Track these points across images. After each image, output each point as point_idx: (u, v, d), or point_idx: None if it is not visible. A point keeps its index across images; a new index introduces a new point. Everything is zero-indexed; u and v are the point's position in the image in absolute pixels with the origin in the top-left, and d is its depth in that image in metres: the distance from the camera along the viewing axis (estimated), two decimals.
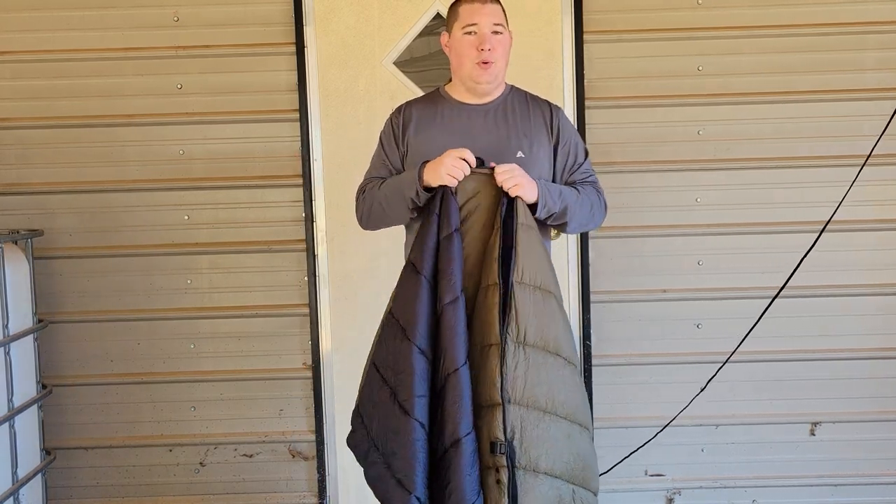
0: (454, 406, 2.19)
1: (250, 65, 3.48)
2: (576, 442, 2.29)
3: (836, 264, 3.50)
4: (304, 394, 3.56)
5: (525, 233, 2.30)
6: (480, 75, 2.41)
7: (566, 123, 2.55)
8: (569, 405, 2.29)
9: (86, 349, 3.55)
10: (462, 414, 2.19)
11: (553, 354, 2.28)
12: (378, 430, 2.30)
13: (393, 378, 2.27)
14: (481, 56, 2.38)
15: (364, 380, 2.41)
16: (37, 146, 3.51)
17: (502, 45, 2.42)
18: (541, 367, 2.25)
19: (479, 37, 2.39)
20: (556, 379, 2.27)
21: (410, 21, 3.47)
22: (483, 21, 2.39)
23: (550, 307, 2.30)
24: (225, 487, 3.60)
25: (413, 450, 2.19)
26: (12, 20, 3.47)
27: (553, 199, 2.38)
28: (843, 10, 3.45)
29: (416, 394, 2.21)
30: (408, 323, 2.26)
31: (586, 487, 2.32)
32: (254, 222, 3.53)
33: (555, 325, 2.30)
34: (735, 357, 3.31)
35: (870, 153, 3.12)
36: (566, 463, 2.27)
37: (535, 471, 2.22)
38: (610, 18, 3.46)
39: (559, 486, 2.25)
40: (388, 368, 2.29)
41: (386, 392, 2.28)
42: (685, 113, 3.49)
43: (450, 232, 2.28)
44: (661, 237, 3.52)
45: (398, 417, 2.22)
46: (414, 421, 2.20)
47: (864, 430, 3.55)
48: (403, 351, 2.25)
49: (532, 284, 2.28)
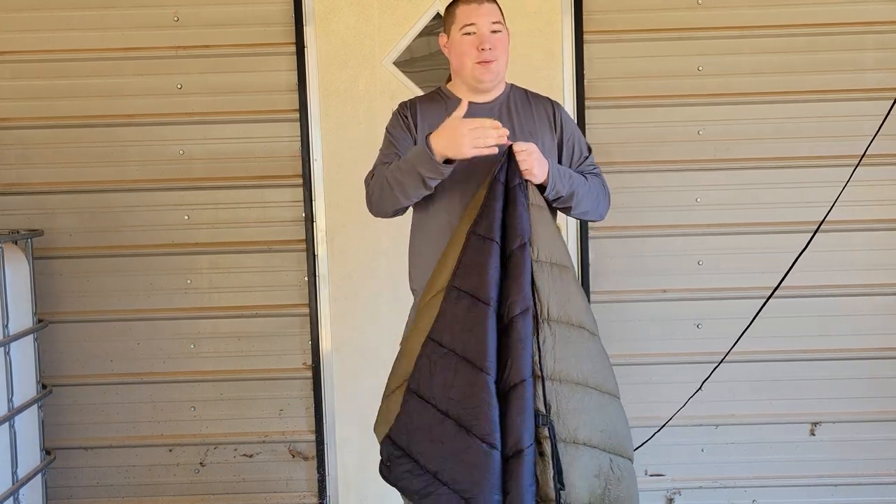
0: (519, 417, 2.19)
1: (250, 65, 3.48)
2: (608, 411, 2.32)
3: (835, 264, 3.50)
4: (304, 394, 3.56)
5: (537, 212, 2.32)
6: (483, 74, 2.42)
7: (568, 119, 2.56)
8: (597, 375, 2.32)
9: (86, 349, 3.55)
10: (526, 425, 2.19)
11: (577, 328, 2.31)
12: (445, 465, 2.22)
13: (459, 410, 2.21)
14: (482, 55, 2.39)
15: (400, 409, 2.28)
16: (37, 146, 3.51)
17: (502, 43, 2.43)
18: (567, 341, 2.28)
19: (478, 36, 2.40)
20: (582, 351, 2.30)
21: (410, 21, 3.47)
22: (481, 21, 2.40)
23: (568, 281, 2.33)
24: (225, 487, 3.60)
25: (498, 480, 2.19)
26: (12, 20, 3.47)
27: (563, 182, 2.39)
28: (843, 10, 3.45)
29: (497, 429, 2.19)
30: (478, 356, 2.21)
31: (623, 455, 2.34)
32: (254, 222, 3.53)
33: (575, 299, 2.32)
34: (734, 357, 3.30)
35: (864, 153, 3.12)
36: (602, 432, 2.30)
37: (576, 442, 2.25)
38: (610, 18, 3.46)
39: (598, 456, 2.28)
40: (450, 400, 2.22)
41: (450, 425, 2.22)
42: (685, 113, 3.49)
43: (523, 243, 2.26)
44: (661, 237, 3.52)
45: (482, 452, 2.18)
46: (498, 454, 2.19)
47: (864, 430, 3.55)
48: (478, 383, 2.19)
49: (549, 261, 2.30)
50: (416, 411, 2.26)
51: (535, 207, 2.32)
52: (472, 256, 2.26)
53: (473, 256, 2.26)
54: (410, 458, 2.26)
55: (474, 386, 2.20)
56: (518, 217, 2.26)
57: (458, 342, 2.23)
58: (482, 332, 2.21)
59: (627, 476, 2.34)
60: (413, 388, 2.27)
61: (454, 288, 2.26)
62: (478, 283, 2.24)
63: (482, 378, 2.19)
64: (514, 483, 2.18)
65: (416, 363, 2.27)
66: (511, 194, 2.28)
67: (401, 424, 2.28)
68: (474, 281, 2.24)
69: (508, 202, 2.28)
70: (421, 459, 2.25)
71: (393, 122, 2.53)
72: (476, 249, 2.26)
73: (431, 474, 2.23)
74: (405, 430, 2.27)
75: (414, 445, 2.26)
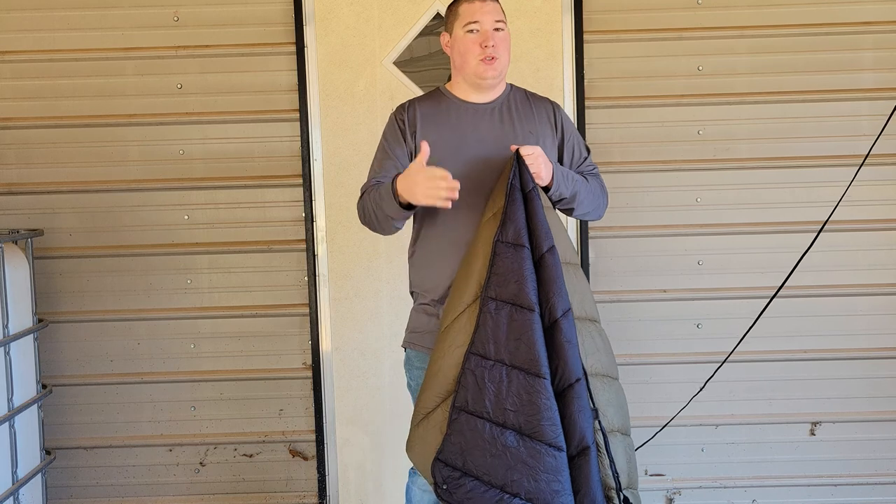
0: (581, 415, 2.22)
1: (250, 65, 3.49)
2: (620, 396, 2.42)
3: (835, 264, 3.50)
4: (304, 394, 3.57)
5: (548, 214, 2.35)
6: (486, 71, 2.42)
7: (567, 120, 2.58)
8: (611, 365, 2.41)
9: (86, 349, 3.55)
10: (588, 423, 2.23)
11: (591, 321, 2.38)
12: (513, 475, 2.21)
13: (519, 418, 2.21)
14: (485, 53, 2.41)
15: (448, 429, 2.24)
16: (37, 146, 3.51)
17: (504, 42, 2.45)
18: (589, 337, 2.35)
19: (481, 34, 2.42)
20: (599, 344, 2.38)
21: (410, 21, 3.47)
22: (485, 19, 2.42)
23: (580, 278, 2.39)
24: (225, 487, 3.60)
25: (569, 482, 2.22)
26: (12, 20, 3.47)
27: (566, 183, 2.43)
28: (842, 10, 3.45)
29: (561, 431, 2.22)
30: (531, 362, 2.21)
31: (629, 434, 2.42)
32: (254, 222, 3.53)
33: (588, 295, 2.40)
34: (735, 357, 3.31)
35: (867, 153, 3.13)
36: (622, 417, 2.39)
37: (613, 431, 2.34)
38: (610, 18, 3.46)
39: (623, 439, 2.37)
40: (506, 411, 2.22)
41: (512, 435, 2.21)
42: (685, 113, 3.49)
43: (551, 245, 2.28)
44: (661, 237, 3.52)
45: (551, 456, 2.20)
46: (565, 455, 2.22)
47: (864, 430, 3.55)
48: (537, 389, 2.21)
49: (564, 261, 2.34)
50: (468, 428, 2.24)
51: (546, 209, 2.35)
52: (507, 264, 2.26)
53: (508, 264, 2.26)
54: (471, 476, 2.24)
55: (532, 393, 2.20)
56: (540, 221, 2.28)
57: (506, 352, 2.23)
58: (530, 338, 2.22)
59: (633, 453, 2.43)
60: (460, 406, 2.25)
61: (490, 299, 2.25)
62: (516, 290, 2.24)
63: (539, 383, 2.21)
64: (584, 481, 2.22)
65: (460, 381, 2.25)
66: (528, 199, 2.30)
67: (451, 445, 2.25)
68: (512, 289, 2.24)
69: (528, 207, 2.30)
70: (484, 475, 2.23)
71: (388, 129, 2.53)
72: (508, 257, 2.26)
73: (498, 488, 2.22)
74: (458, 449, 2.24)
75: (473, 463, 2.23)
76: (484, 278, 2.27)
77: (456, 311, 2.31)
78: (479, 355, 2.24)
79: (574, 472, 2.23)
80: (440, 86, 2.57)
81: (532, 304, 2.23)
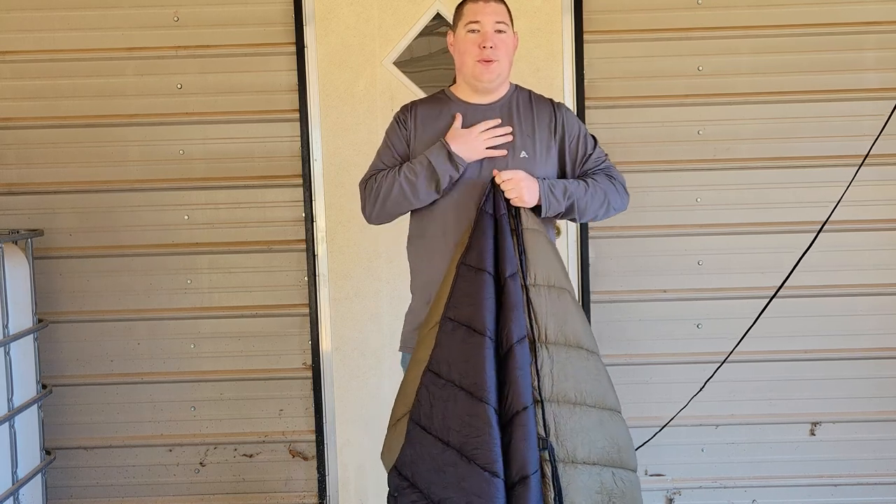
0: (523, 443, 2.20)
1: (250, 65, 3.48)
2: (608, 427, 2.34)
3: (836, 264, 3.50)
4: (304, 394, 3.56)
5: (532, 237, 2.34)
6: (482, 73, 2.40)
7: (570, 117, 2.54)
8: (596, 393, 2.33)
9: (86, 349, 3.55)
10: (531, 452, 2.21)
11: (575, 348, 2.33)
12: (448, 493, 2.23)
13: (460, 439, 2.23)
14: (483, 54, 2.38)
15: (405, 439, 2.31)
16: (37, 146, 3.51)
17: (505, 45, 2.42)
18: (565, 363, 2.30)
19: (481, 34, 2.40)
20: (580, 371, 2.32)
21: (410, 21, 3.47)
22: (486, 19, 2.40)
23: (565, 303, 2.34)
24: (225, 487, 3.60)
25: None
26: (12, 20, 3.47)
27: (557, 199, 2.39)
28: (843, 10, 3.45)
29: (499, 457, 2.21)
30: (477, 386, 2.22)
31: (625, 468, 2.36)
32: (254, 222, 3.53)
33: (572, 320, 2.34)
34: (735, 357, 3.30)
35: (867, 153, 3.12)
36: (601, 449, 2.32)
37: (574, 462, 2.28)
38: (610, 18, 3.46)
39: (599, 472, 2.31)
40: (450, 430, 2.24)
41: (451, 454, 2.24)
42: (685, 113, 3.49)
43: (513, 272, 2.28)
44: (661, 237, 3.52)
45: (484, 480, 2.19)
46: (501, 482, 2.20)
47: (864, 430, 3.55)
48: (478, 413, 2.21)
49: (546, 284, 2.32)
50: (418, 442, 2.28)
51: (528, 232, 2.33)
52: (465, 287, 2.29)
53: (466, 287, 2.29)
54: (416, 488, 2.28)
55: (474, 416, 2.22)
56: (507, 248, 2.29)
57: (456, 373, 2.25)
58: (480, 361, 2.23)
59: (631, 487, 2.36)
60: (415, 419, 2.30)
61: (448, 319, 2.29)
62: (472, 313, 2.26)
63: (482, 408, 2.21)
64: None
65: (417, 394, 2.30)
66: (499, 224, 2.32)
67: (405, 455, 2.30)
68: (468, 311, 2.26)
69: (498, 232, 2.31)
70: (426, 489, 2.26)
71: (391, 129, 2.53)
72: (468, 280, 2.29)
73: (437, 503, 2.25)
74: (409, 460, 2.29)
75: (419, 476, 2.28)
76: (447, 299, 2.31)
77: (426, 327, 2.36)
78: (434, 373, 2.28)
79: (512, 500, 2.21)
80: (444, 88, 2.56)
81: (485, 329, 2.24)
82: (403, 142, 2.49)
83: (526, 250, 2.32)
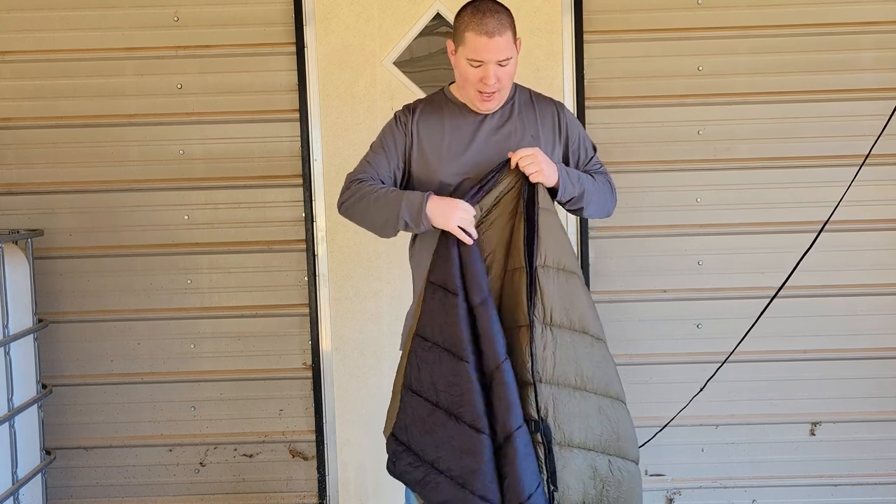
0: (502, 402, 2.23)
1: (250, 65, 3.48)
2: (608, 415, 2.35)
3: (836, 264, 3.50)
4: (304, 394, 3.56)
5: (545, 216, 2.33)
6: (483, 104, 2.40)
7: (572, 120, 2.55)
8: (599, 380, 2.34)
9: (86, 349, 3.55)
10: (512, 408, 2.23)
11: (580, 333, 2.33)
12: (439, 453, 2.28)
13: (447, 399, 2.27)
14: (485, 89, 2.35)
15: (399, 406, 2.35)
16: (37, 146, 3.51)
17: (508, 74, 2.36)
18: (568, 347, 2.31)
19: (483, 70, 2.32)
20: (584, 356, 2.33)
21: (411, 21, 3.47)
22: (489, 58, 2.31)
23: (574, 287, 2.35)
24: (225, 487, 3.60)
25: (491, 464, 2.23)
26: (12, 20, 3.47)
27: (573, 182, 2.41)
28: (843, 10, 3.45)
29: (482, 411, 2.24)
30: (455, 345, 2.27)
31: (624, 457, 2.36)
32: (254, 222, 3.53)
33: (580, 305, 2.35)
34: (735, 357, 3.30)
35: (868, 153, 3.13)
36: (599, 436, 2.32)
37: (570, 445, 2.29)
38: (610, 18, 3.46)
39: (594, 458, 2.32)
40: (437, 391, 2.29)
41: (440, 415, 2.28)
42: (685, 113, 3.49)
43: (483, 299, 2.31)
44: (661, 237, 3.52)
45: (470, 437, 2.24)
46: (488, 438, 2.23)
47: (864, 430, 3.55)
48: (460, 372, 2.26)
49: (555, 267, 2.32)
50: (411, 406, 2.33)
51: (543, 211, 2.33)
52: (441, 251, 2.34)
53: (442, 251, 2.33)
54: (411, 451, 2.33)
55: (457, 374, 2.26)
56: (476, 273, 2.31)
57: (439, 334, 2.30)
58: (455, 321, 2.27)
59: (629, 478, 2.36)
60: (407, 384, 2.35)
61: (430, 282, 2.34)
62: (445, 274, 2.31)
63: (462, 366, 2.26)
64: (510, 468, 2.21)
65: (408, 359, 2.35)
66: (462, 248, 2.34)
67: (400, 420, 2.35)
68: (443, 273, 2.32)
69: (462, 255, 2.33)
70: (419, 451, 2.31)
71: (389, 128, 2.51)
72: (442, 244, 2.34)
73: (429, 464, 2.29)
74: (404, 425, 2.34)
75: (413, 439, 2.33)
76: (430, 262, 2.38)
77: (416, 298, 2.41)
78: (421, 337, 2.33)
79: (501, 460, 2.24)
80: (444, 87, 2.54)
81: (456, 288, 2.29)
82: (400, 144, 2.47)
83: (539, 230, 2.31)
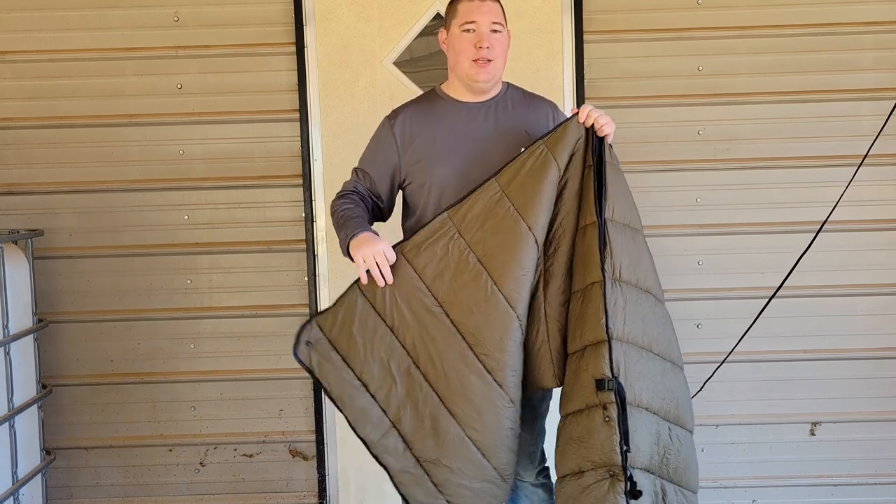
0: None
1: (250, 65, 3.48)
2: (669, 379, 2.31)
3: (836, 264, 3.50)
4: (304, 394, 3.56)
5: (612, 171, 2.33)
6: (478, 73, 2.40)
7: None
8: (661, 342, 2.30)
9: (86, 349, 3.55)
10: None
11: (644, 292, 2.30)
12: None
13: None
14: (479, 54, 2.38)
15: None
16: (37, 146, 3.51)
17: (501, 44, 2.42)
18: (635, 304, 2.27)
19: (477, 34, 2.39)
20: (649, 315, 2.29)
21: (410, 21, 3.47)
22: (482, 19, 2.39)
23: (639, 245, 2.34)
24: (225, 487, 3.60)
25: None
26: (12, 20, 3.47)
27: None
28: (842, 10, 3.45)
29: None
30: None
31: (682, 426, 2.32)
32: (254, 222, 3.53)
33: (644, 263, 2.33)
34: (734, 357, 3.29)
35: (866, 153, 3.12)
36: (662, 399, 2.28)
37: (639, 406, 2.23)
38: (610, 18, 3.46)
39: (657, 423, 2.27)
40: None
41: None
42: (685, 113, 3.49)
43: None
44: (661, 237, 3.51)
45: None
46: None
47: (864, 430, 3.55)
48: None
49: (622, 222, 2.31)
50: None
51: (610, 166, 2.32)
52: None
53: None
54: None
55: None
56: None
57: None
58: None
59: (687, 447, 2.32)
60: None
61: None
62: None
63: None
64: None
65: None
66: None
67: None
68: None
69: None
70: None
71: (377, 137, 2.53)
72: None
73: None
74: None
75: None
76: None
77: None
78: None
79: None
80: (436, 86, 2.56)
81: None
82: (391, 153, 2.48)
83: (606, 184, 2.29)
